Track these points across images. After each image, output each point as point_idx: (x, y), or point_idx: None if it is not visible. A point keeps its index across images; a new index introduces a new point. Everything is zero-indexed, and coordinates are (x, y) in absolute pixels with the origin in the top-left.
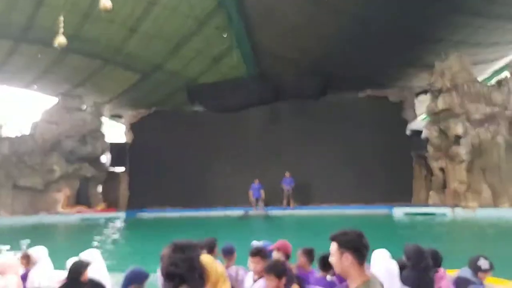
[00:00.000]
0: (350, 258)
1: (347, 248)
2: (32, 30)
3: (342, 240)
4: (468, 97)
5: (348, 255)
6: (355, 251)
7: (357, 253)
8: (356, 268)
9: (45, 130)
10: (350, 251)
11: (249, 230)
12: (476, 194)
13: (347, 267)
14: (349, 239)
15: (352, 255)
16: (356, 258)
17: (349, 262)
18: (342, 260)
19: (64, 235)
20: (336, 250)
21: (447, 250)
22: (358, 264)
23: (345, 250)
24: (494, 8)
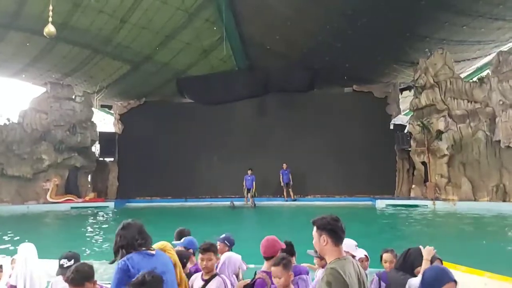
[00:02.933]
0: (327, 238)
1: (324, 229)
2: (21, 17)
3: (320, 223)
4: (451, 94)
5: (325, 236)
6: (331, 232)
7: (333, 233)
8: (332, 247)
9: (34, 119)
10: (327, 232)
11: (235, 220)
12: (457, 188)
13: (325, 247)
14: (326, 222)
15: (329, 235)
16: (332, 238)
17: (326, 242)
18: (321, 241)
19: (52, 225)
20: (315, 232)
21: (424, 241)
22: (334, 244)
23: (322, 231)
24: (477, 7)
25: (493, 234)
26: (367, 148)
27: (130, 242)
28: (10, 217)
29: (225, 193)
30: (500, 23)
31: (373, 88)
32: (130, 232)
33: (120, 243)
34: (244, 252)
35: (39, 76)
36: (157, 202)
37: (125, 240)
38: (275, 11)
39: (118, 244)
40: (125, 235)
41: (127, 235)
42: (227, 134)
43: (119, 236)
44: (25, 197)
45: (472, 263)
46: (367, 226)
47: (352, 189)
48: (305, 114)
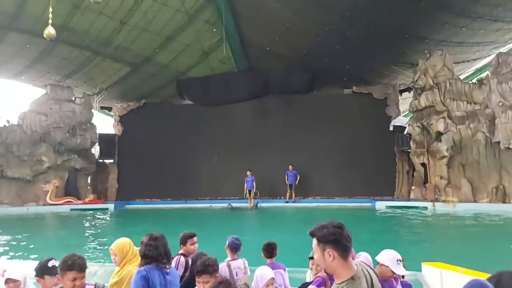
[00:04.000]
0: (333, 252)
1: (328, 242)
2: (21, 19)
3: (322, 234)
4: (450, 95)
5: (330, 250)
6: (337, 243)
7: (339, 245)
8: (341, 262)
9: (34, 121)
10: (332, 245)
11: (235, 222)
12: (456, 189)
13: (332, 263)
14: (329, 233)
15: (334, 249)
16: (338, 251)
17: (332, 257)
18: (326, 257)
19: (52, 226)
20: (317, 246)
21: (424, 242)
22: (342, 258)
23: (326, 245)
24: (477, 8)
25: (493, 235)
26: (366, 149)
27: (156, 256)
28: (10, 219)
29: (225, 195)
30: (499, 24)
31: (373, 90)
32: (159, 246)
33: (149, 253)
34: (244, 253)
35: (39, 77)
36: (157, 203)
37: (154, 252)
38: (275, 12)
39: (146, 253)
40: (156, 247)
41: (157, 248)
42: (226, 136)
43: (148, 246)
44: (25, 199)
45: (472, 265)
46: (366, 227)
47: (351, 190)
48: (305, 116)
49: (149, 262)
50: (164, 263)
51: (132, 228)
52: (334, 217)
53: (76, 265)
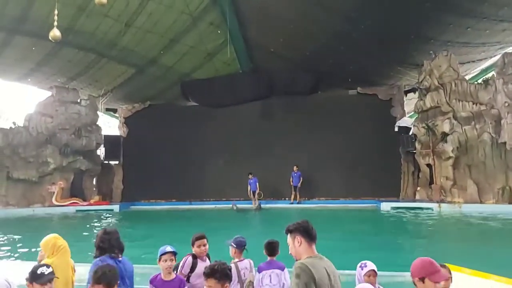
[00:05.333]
0: (300, 238)
1: (297, 231)
2: (27, 22)
3: (293, 227)
4: (456, 96)
5: (298, 237)
6: (304, 232)
7: (305, 233)
8: (306, 247)
9: (40, 123)
10: (300, 233)
11: (240, 223)
12: (462, 190)
13: (299, 247)
14: (298, 225)
15: (302, 235)
16: (304, 237)
17: (300, 243)
18: (295, 243)
19: (57, 228)
20: (289, 238)
21: (430, 244)
22: (308, 244)
23: (296, 234)
24: (482, 9)
25: (499, 236)
26: (372, 150)
27: (108, 247)
28: (16, 220)
29: (229, 196)
30: (505, 24)
31: (378, 90)
32: (111, 238)
33: (102, 245)
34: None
35: (45, 80)
36: (162, 205)
37: (107, 244)
38: (279, 14)
39: (100, 245)
40: (108, 240)
41: (110, 241)
42: (231, 137)
43: (101, 239)
44: (31, 200)
45: (479, 266)
46: (372, 228)
47: (357, 191)
48: (309, 117)
49: (103, 253)
50: (116, 253)
51: (137, 229)
52: (339, 218)
53: (104, 279)
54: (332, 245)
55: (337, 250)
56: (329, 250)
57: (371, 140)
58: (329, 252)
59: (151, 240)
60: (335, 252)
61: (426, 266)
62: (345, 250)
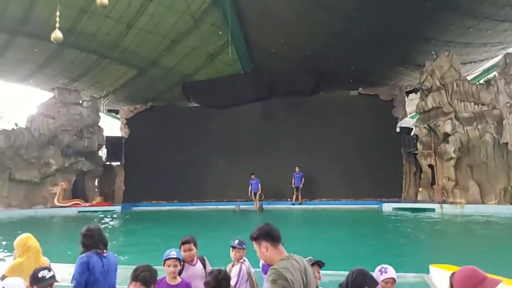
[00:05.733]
0: (266, 244)
1: (261, 237)
2: (28, 23)
3: (255, 234)
4: (457, 96)
5: (263, 242)
6: (267, 236)
7: (269, 236)
8: (273, 250)
9: (42, 124)
10: (264, 238)
11: (242, 223)
12: (464, 191)
13: (267, 253)
14: (259, 230)
15: (266, 240)
16: (269, 241)
17: (266, 248)
18: (262, 249)
19: (59, 229)
20: (255, 245)
21: (432, 244)
22: (273, 246)
23: (260, 240)
24: (483, 9)
25: (501, 237)
26: (373, 151)
27: (92, 243)
28: (18, 221)
29: (231, 197)
30: (506, 25)
31: (379, 91)
32: (94, 235)
33: (86, 241)
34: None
35: (47, 81)
36: (164, 206)
37: (90, 241)
38: (280, 15)
39: (84, 242)
40: (92, 236)
41: (93, 237)
42: (232, 138)
43: (85, 237)
44: (33, 201)
45: (480, 267)
46: (374, 229)
47: (358, 192)
48: (311, 117)
49: (88, 249)
50: (101, 248)
51: (139, 230)
52: (341, 219)
53: (141, 278)
54: (333, 245)
55: (338, 251)
56: (330, 250)
57: (373, 140)
58: (330, 252)
59: (152, 240)
60: (336, 252)
61: (472, 276)
62: (346, 251)
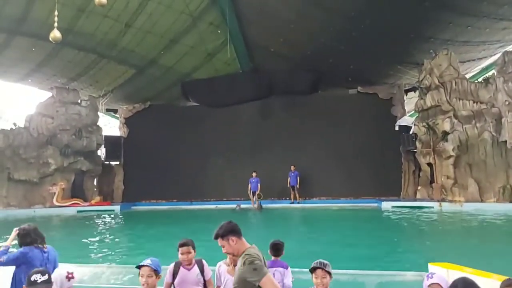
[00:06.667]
0: (233, 237)
1: (228, 233)
2: (26, 23)
3: (221, 232)
4: (456, 94)
5: (231, 237)
6: (233, 232)
7: (235, 232)
8: (240, 242)
9: (40, 123)
10: (230, 234)
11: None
12: (463, 189)
13: (236, 245)
14: (225, 228)
15: (233, 235)
16: (236, 235)
17: (234, 241)
18: (231, 244)
19: (59, 229)
20: (222, 241)
21: (431, 243)
22: (239, 239)
23: (228, 236)
24: (482, 7)
25: (500, 235)
26: (372, 149)
27: (28, 240)
28: (17, 221)
29: (230, 196)
30: (505, 23)
31: (378, 90)
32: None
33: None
34: None
35: (45, 81)
36: (163, 205)
37: (27, 238)
38: (279, 14)
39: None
40: (28, 234)
41: (29, 234)
42: (231, 137)
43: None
44: (32, 201)
45: (480, 265)
46: (373, 228)
47: (357, 191)
48: (310, 116)
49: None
50: (39, 243)
51: (138, 229)
52: (340, 218)
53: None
54: (332, 244)
55: (337, 249)
56: (329, 249)
57: (372, 139)
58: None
59: (152, 240)
60: (335, 251)
61: None
62: (345, 249)
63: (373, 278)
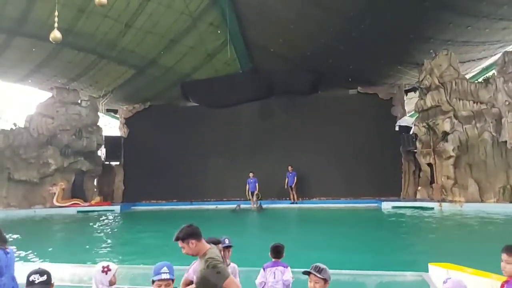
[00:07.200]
0: (192, 240)
1: (188, 237)
2: (27, 23)
3: (181, 235)
4: (456, 95)
5: (190, 240)
6: (193, 235)
7: (194, 235)
8: (199, 244)
9: (40, 124)
10: (190, 237)
11: (240, 223)
12: (463, 189)
13: (195, 247)
14: (185, 231)
15: (192, 238)
16: (195, 238)
17: (194, 244)
18: (191, 246)
19: (59, 229)
20: (183, 243)
21: (431, 243)
22: (199, 241)
23: (188, 239)
24: (482, 7)
25: (500, 236)
26: (372, 150)
27: None
28: (17, 221)
29: (230, 196)
30: (505, 23)
31: (378, 90)
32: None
33: None
34: (249, 254)
35: (45, 81)
36: (163, 205)
37: None
38: (279, 14)
39: None
40: None
41: None
42: (231, 137)
43: None
44: (32, 201)
45: (479, 265)
46: (373, 228)
47: (357, 191)
48: (310, 117)
49: None
50: (3, 244)
51: (138, 230)
52: (340, 218)
53: None
54: (332, 244)
55: (338, 249)
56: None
57: (372, 139)
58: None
59: (151, 240)
60: (334, 251)
61: None
62: (345, 250)
63: (373, 278)
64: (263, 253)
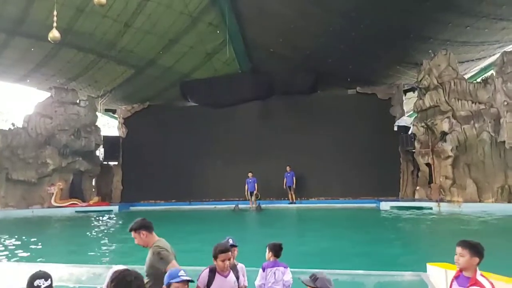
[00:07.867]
0: (144, 232)
1: (140, 228)
2: (26, 23)
3: (135, 226)
4: (455, 95)
5: (142, 231)
6: (145, 227)
7: (146, 227)
8: (150, 236)
9: (39, 124)
10: (142, 228)
11: (240, 223)
12: (461, 189)
13: (146, 238)
14: (138, 223)
15: (144, 230)
16: (147, 231)
17: (145, 235)
18: (142, 237)
19: (57, 229)
20: (135, 234)
21: (429, 243)
22: (150, 233)
23: (140, 230)
24: (481, 7)
25: (498, 235)
26: (371, 149)
27: None
28: (15, 221)
29: (229, 196)
30: (504, 23)
31: (377, 90)
32: None
33: None
34: (249, 254)
35: (44, 81)
36: (161, 205)
37: None
38: (278, 14)
39: None
40: None
41: None
42: (230, 137)
43: None
44: (30, 201)
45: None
46: (371, 228)
47: (356, 191)
48: (309, 116)
49: None
50: None
51: None
52: (339, 218)
53: None
54: (331, 244)
55: (337, 250)
56: (327, 249)
57: (370, 139)
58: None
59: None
60: (334, 251)
61: None
62: (343, 250)
63: (372, 278)
64: (261, 253)
